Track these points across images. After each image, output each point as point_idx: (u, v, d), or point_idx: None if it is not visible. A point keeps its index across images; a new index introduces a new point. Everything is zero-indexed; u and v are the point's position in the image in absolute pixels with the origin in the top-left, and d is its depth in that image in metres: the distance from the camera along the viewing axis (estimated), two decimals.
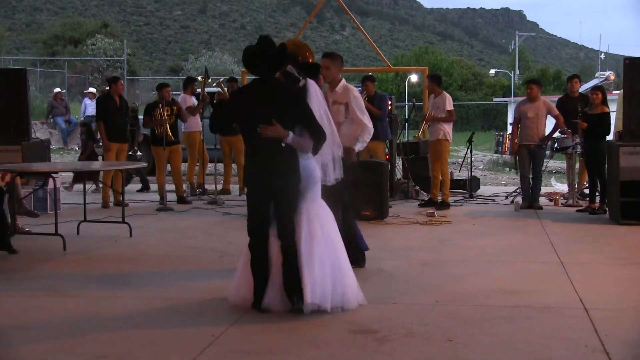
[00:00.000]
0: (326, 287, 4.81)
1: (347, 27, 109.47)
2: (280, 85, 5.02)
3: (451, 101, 10.17)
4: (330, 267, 4.88)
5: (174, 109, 10.37)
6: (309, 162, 5.02)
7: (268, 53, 4.89)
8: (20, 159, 8.94)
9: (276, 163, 4.85)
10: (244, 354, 4.15)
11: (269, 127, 4.76)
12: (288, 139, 4.80)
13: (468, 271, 6.23)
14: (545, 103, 10.23)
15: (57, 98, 21.34)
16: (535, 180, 10.11)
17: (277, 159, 4.85)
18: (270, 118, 4.77)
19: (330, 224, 5.06)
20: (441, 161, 10.14)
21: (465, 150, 11.81)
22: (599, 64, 49.50)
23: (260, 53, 4.90)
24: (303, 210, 4.93)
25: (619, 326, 4.58)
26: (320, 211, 5.02)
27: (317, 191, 5.07)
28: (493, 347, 4.21)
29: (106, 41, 39.48)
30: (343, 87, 6.33)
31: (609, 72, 24.23)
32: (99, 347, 4.24)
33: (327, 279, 4.84)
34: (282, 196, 4.89)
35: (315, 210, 4.99)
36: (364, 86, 10.56)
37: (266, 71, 4.93)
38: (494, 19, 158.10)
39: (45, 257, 6.88)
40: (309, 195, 4.98)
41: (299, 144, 4.88)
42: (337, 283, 4.88)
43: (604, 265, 6.53)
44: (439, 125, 10.04)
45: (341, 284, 4.90)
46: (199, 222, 8.93)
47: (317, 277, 4.79)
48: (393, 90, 43.51)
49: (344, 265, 5.00)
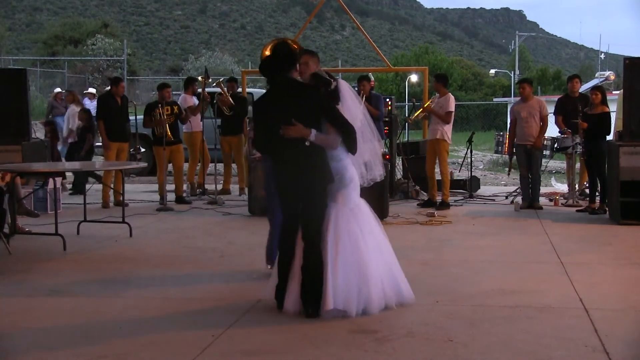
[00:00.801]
0: (351, 292, 4.73)
1: (347, 27, 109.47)
2: (293, 82, 4.91)
3: (454, 104, 10.12)
4: (356, 273, 4.76)
5: (174, 108, 10.36)
6: (339, 165, 4.89)
7: (278, 53, 4.88)
8: (20, 159, 8.93)
9: (302, 164, 4.76)
10: (244, 354, 4.15)
11: (290, 127, 4.66)
12: (311, 137, 4.68)
13: (468, 271, 6.23)
14: (539, 102, 10.23)
15: (57, 98, 21.33)
16: (534, 181, 10.11)
17: (303, 160, 4.75)
18: (290, 117, 4.66)
19: (366, 228, 4.90)
20: (440, 161, 10.13)
21: (465, 150, 11.80)
22: (599, 64, 49.51)
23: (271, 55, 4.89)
24: (332, 213, 4.84)
25: (619, 326, 4.58)
26: (350, 215, 4.87)
27: (349, 194, 4.91)
28: (493, 347, 4.21)
29: (106, 41, 39.51)
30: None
31: (609, 72, 24.25)
32: (99, 347, 4.23)
33: (352, 284, 4.74)
34: (308, 198, 4.79)
35: (345, 213, 4.86)
36: (360, 86, 10.49)
37: (278, 71, 4.85)
38: (494, 19, 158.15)
39: (45, 257, 6.88)
40: (340, 197, 4.88)
41: (323, 140, 4.77)
42: (362, 289, 4.76)
43: (604, 265, 6.53)
44: (437, 126, 10.04)
45: (365, 290, 4.78)
46: (199, 222, 8.93)
47: (340, 282, 4.70)
48: (393, 90, 43.53)
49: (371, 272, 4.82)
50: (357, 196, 4.99)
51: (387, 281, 4.92)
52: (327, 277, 4.69)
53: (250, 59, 61.57)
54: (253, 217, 9.32)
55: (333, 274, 4.70)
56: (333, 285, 4.68)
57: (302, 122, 4.67)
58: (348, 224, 4.84)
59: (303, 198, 4.81)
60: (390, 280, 4.95)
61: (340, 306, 4.69)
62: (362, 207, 4.99)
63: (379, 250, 4.96)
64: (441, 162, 10.14)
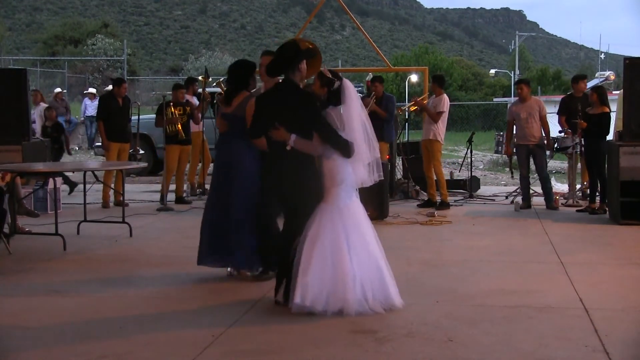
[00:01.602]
0: (322, 291, 4.73)
1: (347, 27, 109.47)
2: (292, 87, 4.98)
3: (446, 104, 10.10)
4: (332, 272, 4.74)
5: (186, 109, 10.45)
6: (332, 164, 4.89)
7: (284, 54, 4.92)
8: (21, 159, 8.94)
9: (285, 166, 4.86)
10: (244, 354, 4.15)
11: (275, 130, 4.79)
12: (290, 141, 4.78)
13: (468, 271, 6.23)
14: (537, 102, 10.23)
15: (57, 98, 21.34)
16: (542, 181, 10.08)
17: (286, 162, 4.85)
18: (281, 120, 4.78)
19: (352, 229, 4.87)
20: (434, 162, 10.11)
21: (465, 150, 11.80)
22: (599, 64, 49.51)
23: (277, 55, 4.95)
24: (317, 210, 4.87)
25: (619, 326, 4.58)
26: (337, 214, 4.85)
27: (339, 194, 4.89)
28: (493, 347, 4.21)
29: (106, 41, 39.50)
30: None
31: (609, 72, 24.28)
32: (99, 347, 4.23)
33: (326, 283, 4.73)
34: (290, 200, 4.92)
35: (332, 212, 4.84)
36: (373, 87, 10.56)
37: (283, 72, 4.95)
38: (494, 19, 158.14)
39: (45, 257, 6.88)
40: (329, 196, 4.89)
41: (303, 146, 4.83)
42: (338, 288, 4.74)
43: (604, 265, 6.53)
44: (430, 126, 10.06)
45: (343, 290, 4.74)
46: (199, 222, 8.86)
47: (310, 279, 4.70)
48: (393, 90, 43.51)
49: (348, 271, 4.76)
50: (348, 197, 4.94)
51: (375, 284, 4.85)
52: (298, 273, 4.74)
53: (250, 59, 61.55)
54: None
55: (304, 271, 4.71)
56: (302, 282, 4.70)
57: (293, 126, 4.76)
58: (332, 223, 4.82)
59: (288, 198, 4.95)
60: (378, 283, 4.88)
61: (307, 302, 4.69)
62: (353, 208, 4.94)
63: (367, 253, 4.89)
64: (434, 162, 10.11)
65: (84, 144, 21.75)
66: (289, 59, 4.96)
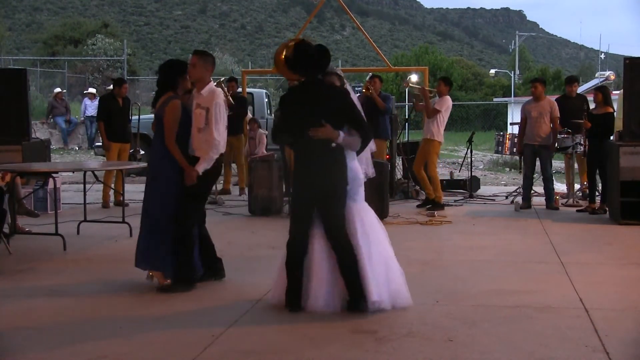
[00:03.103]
0: (385, 286, 4.84)
1: (347, 27, 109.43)
2: (325, 85, 4.98)
3: (446, 105, 10.02)
4: (385, 267, 4.91)
5: None
6: (354, 164, 4.99)
7: (310, 54, 4.90)
8: (21, 159, 8.94)
9: (326, 164, 4.82)
10: (244, 354, 4.14)
11: (320, 128, 4.73)
12: (339, 139, 4.78)
13: (468, 271, 6.23)
14: (550, 103, 10.20)
15: (57, 98, 21.35)
16: (546, 181, 10.08)
17: (327, 160, 4.82)
18: (320, 119, 4.74)
19: (376, 225, 5.04)
20: (427, 162, 10.03)
21: (465, 150, 11.81)
22: (599, 64, 49.55)
23: (303, 55, 4.90)
24: (354, 210, 4.92)
25: (619, 326, 4.58)
26: (368, 213, 5.01)
27: (362, 193, 5.05)
28: (493, 347, 4.21)
29: (106, 41, 39.43)
30: (210, 90, 5.65)
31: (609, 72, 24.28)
32: (99, 347, 4.23)
33: (384, 278, 4.87)
34: (331, 197, 4.83)
35: (365, 211, 4.99)
36: (371, 83, 10.60)
37: (311, 72, 4.90)
38: (494, 19, 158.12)
39: (45, 257, 6.88)
40: (356, 196, 4.97)
41: (349, 143, 4.87)
42: (390, 282, 4.90)
43: (604, 265, 6.53)
44: (429, 125, 10.04)
45: (394, 283, 4.92)
46: None
47: (377, 275, 4.81)
48: (393, 90, 43.50)
49: (393, 265, 5.00)
50: (363, 194, 5.09)
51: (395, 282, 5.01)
52: (366, 271, 4.77)
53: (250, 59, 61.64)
54: (253, 217, 9.31)
55: (371, 268, 4.79)
56: (372, 277, 4.77)
57: (330, 124, 4.75)
58: (370, 219, 4.98)
59: (324, 198, 4.83)
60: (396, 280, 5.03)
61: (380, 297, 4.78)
62: (367, 205, 5.11)
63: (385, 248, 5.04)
64: (429, 162, 9.99)
65: (84, 144, 21.73)
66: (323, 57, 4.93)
